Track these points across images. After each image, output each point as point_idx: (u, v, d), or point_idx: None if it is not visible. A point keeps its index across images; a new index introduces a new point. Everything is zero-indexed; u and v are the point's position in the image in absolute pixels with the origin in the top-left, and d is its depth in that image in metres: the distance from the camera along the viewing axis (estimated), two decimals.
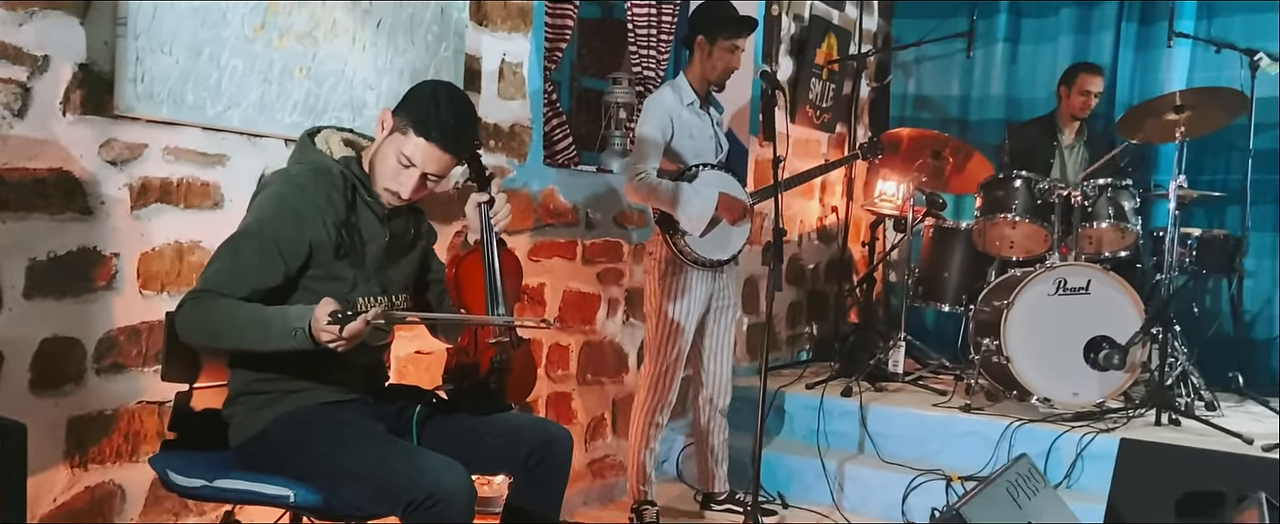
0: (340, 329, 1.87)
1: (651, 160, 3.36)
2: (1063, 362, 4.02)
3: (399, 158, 2.13)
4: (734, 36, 3.44)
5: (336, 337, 1.89)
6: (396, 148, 2.13)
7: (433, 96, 2.15)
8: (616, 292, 3.98)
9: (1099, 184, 4.24)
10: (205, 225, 2.51)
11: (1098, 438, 3.70)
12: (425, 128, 2.11)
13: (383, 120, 2.17)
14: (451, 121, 2.14)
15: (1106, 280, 4.05)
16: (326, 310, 1.88)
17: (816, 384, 4.38)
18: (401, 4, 2.95)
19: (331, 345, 1.91)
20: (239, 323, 1.98)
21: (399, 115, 2.15)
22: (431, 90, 2.17)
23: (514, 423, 2.34)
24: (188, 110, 2.45)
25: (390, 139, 2.14)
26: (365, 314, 1.89)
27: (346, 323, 1.87)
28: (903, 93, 5.80)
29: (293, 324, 1.92)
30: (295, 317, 1.94)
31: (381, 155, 2.16)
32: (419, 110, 2.12)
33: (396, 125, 2.14)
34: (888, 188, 5.11)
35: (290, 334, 1.92)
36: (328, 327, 1.87)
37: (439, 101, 2.14)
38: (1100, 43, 5.25)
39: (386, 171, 2.16)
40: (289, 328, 1.93)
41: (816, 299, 5.43)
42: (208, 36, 2.46)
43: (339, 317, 1.87)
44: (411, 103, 2.15)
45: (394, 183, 2.16)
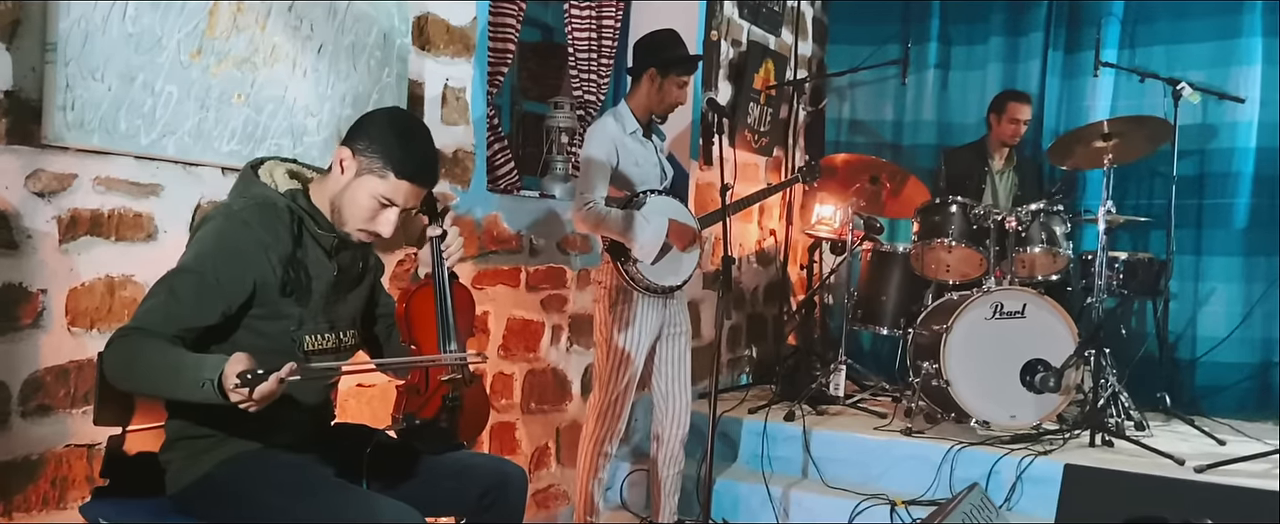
0: (250, 392, 1.73)
1: (599, 189, 3.33)
2: (1000, 384, 4.08)
3: (377, 200, 2.06)
4: (686, 74, 3.45)
5: (247, 398, 1.74)
6: (370, 191, 2.05)
7: (401, 134, 2.07)
8: (560, 318, 3.93)
9: (1032, 209, 4.33)
10: (138, 259, 2.40)
11: (1037, 461, 3.76)
12: (405, 169, 2.05)
13: (343, 161, 2.07)
14: (427, 157, 2.10)
15: (1041, 304, 4.13)
16: (237, 368, 1.73)
17: (759, 409, 4.38)
18: (343, 30, 2.87)
19: (242, 406, 1.76)
20: (154, 368, 1.83)
21: (366, 155, 2.05)
22: (397, 128, 2.08)
23: (466, 462, 2.28)
24: (120, 139, 2.34)
25: (359, 181, 2.06)
26: (278, 373, 1.74)
27: (256, 384, 1.72)
28: (838, 117, 5.88)
29: (203, 375, 1.76)
30: (208, 367, 1.77)
31: (351, 199, 2.07)
32: (392, 150, 2.05)
33: (364, 166, 2.06)
34: (825, 212, 5.16)
35: (198, 385, 1.76)
36: (237, 388, 1.72)
37: (409, 138, 2.08)
38: (1028, 71, 5.38)
39: (359, 214, 2.08)
40: (198, 379, 1.76)
41: (755, 322, 5.44)
42: (142, 62, 2.36)
43: (248, 378, 1.72)
44: (378, 142, 2.05)
45: (372, 224, 2.09)
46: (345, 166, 2.08)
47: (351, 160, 2.08)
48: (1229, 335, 4.93)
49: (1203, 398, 4.90)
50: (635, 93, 3.49)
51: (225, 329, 2.01)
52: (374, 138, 2.06)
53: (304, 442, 2.14)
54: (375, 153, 2.06)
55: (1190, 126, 4.89)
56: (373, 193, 2.06)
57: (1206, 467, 3.62)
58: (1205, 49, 5.02)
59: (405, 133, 2.08)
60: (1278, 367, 4.88)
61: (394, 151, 2.05)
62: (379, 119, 2.11)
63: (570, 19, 4.26)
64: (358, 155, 2.07)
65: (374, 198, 2.06)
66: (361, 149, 2.06)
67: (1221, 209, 5.03)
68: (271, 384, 1.75)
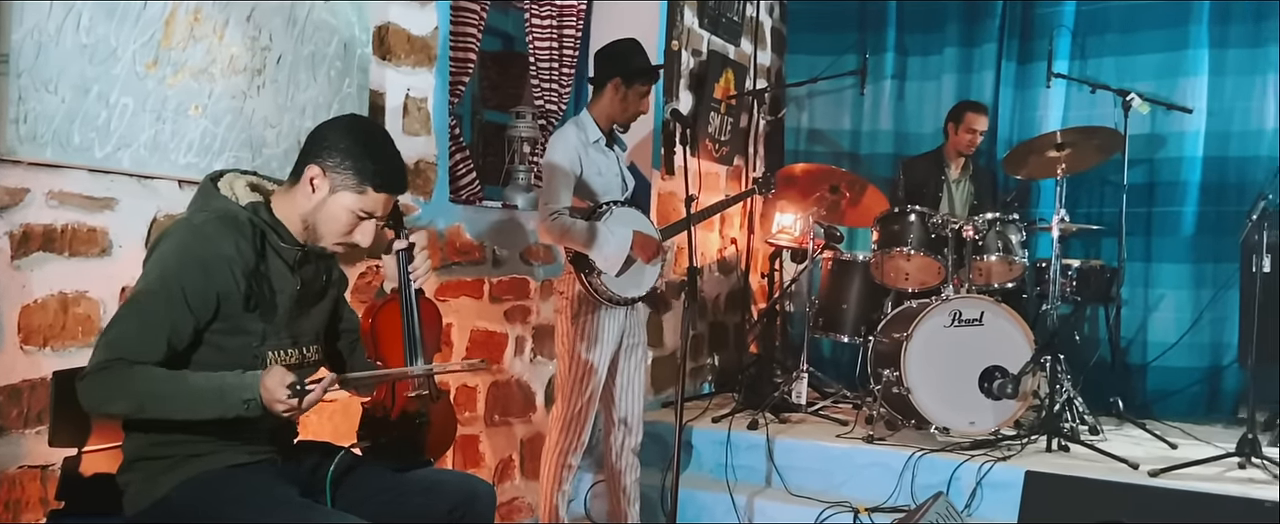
0: (299, 402, 1.82)
1: (564, 199, 3.31)
2: (959, 391, 4.13)
3: (356, 214, 2.06)
4: (649, 83, 3.45)
5: (294, 408, 1.84)
6: (347, 206, 2.05)
7: (369, 145, 2.06)
8: (523, 329, 3.91)
9: (988, 218, 4.39)
10: (92, 274, 2.35)
11: (996, 467, 3.80)
12: (381, 181, 2.05)
13: (314, 180, 2.05)
14: (397, 164, 2.11)
15: (998, 312, 4.19)
16: (284, 382, 1.82)
17: (722, 417, 4.38)
18: (303, 40, 2.83)
19: (286, 414, 1.86)
20: (169, 394, 1.87)
21: (339, 171, 2.04)
22: (363, 139, 2.07)
23: (435, 478, 2.25)
24: (74, 152, 2.29)
25: (335, 197, 2.05)
26: (322, 384, 1.84)
27: (305, 395, 1.83)
28: (797, 126, 5.91)
29: (243, 396, 1.84)
30: (244, 387, 1.85)
31: (328, 216, 2.06)
32: (364, 163, 2.04)
33: (338, 182, 2.04)
34: (786, 220, 5.18)
35: (242, 406, 1.85)
36: (287, 399, 1.82)
37: (379, 148, 2.08)
38: (982, 81, 5.46)
39: (337, 229, 2.08)
40: (239, 400, 1.84)
41: (717, 330, 5.46)
42: (97, 74, 2.31)
43: (299, 389, 1.81)
44: (350, 157, 2.04)
45: (351, 237, 2.10)
46: (317, 185, 2.05)
47: (323, 178, 2.05)
48: (1179, 340, 5.03)
49: (1154, 402, 5.00)
50: (598, 102, 3.48)
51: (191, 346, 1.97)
52: (344, 152, 2.04)
53: (267, 460, 2.10)
54: (348, 168, 2.04)
55: (1140, 136, 4.99)
56: (351, 208, 2.06)
57: (1160, 470, 3.68)
58: (1153, 60, 5.12)
59: (373, 143, 2.08)
60: (1226, 370, 4.99)
61: (367, 165, 2.04)
62: (340, 131, 2.07)
63: (531, 28, 4.24)
64: (330, 172, 2.04)
65: (352, 212, 2.07)
66: (333, 166, 2.04)
67: (1170, 217, 5.13)
68: (318, 393, 1.86)
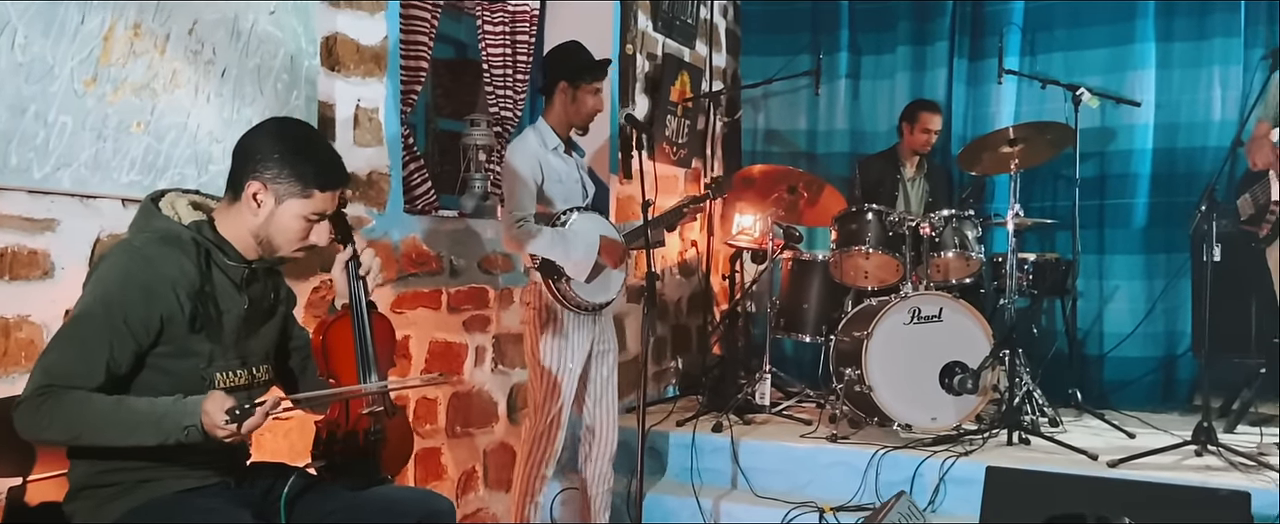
0: (239, 427, 1.77)
1: (527, 207, 3.29)
2: (920, 388, 4.15)
3: (307, 217, 2.05)
4: (596, 80, 3.43)
5: (234, 433, 1.79)
6: (297, 212, 2.03)
7: (301, 149, 2.04)
8: (483, 339, 3.87)
9: (944, 215, 4.42)
10: (34, 297, 2.28)
11: (958, 462, 3.83)
12: (324, 180, 2.05)
13: (257, 196, 2.02)
14: (333, 158, 2.11)
15: (957, 308, 4.22)
16: (223, 407, 1.78)
17: (687, 421, 4.38)
18: (247, 53, 2.78)
19: (227, 440, 1.81)
20: (107, 421, 1.82)
21: (279, 182, 2.02)
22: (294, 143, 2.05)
23: (393, 496, 2.22)
24: (11, 173, 2.23)
25: (283, 208, 2.03)
26: (264, 406, 1.80)
27: (245, 419, 1.78)
28: (753, 127, 5.93)
29: (184, 422, 1.80)
30: (184, 413, 1.80)
31: (279, 227, 2.04)
32: (302, 167, 2.02)
33: (283, 192, 2.02)
34: (746, 222, 5.19)
35: (181, 433, 1.80)
36: (226, 424, 1.77)
37: (311, 148, 2.07)
38: (934, 79, 5.50)
39: (291, 237, 2.07)
40: (179, 426, 1.80)
41: (680, 333, 5.45)
42: (33, 92, 2.25)
43: (237, 413, 1.77)
44: (287, 165, 2.01)
45: (306, 241, 2.08)
46: (261, 200, 2.02)
47: (266, 192, 2.02)
48: (1134, 331, 5.10)
49: (1111, 392, 5.05)
50: (550, 109, 3.46)
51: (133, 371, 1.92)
52: (279, 161, 2.01)
53: (218, 483, 2.06)
54: (288, 177, 2.02)
55: (1090, 130, 5.05)
56: (300, 214, 2.05)
57: (1119, 461, 3.73)
58: (1102, 55, 5.19)
59: (306, 145, 2.07)
60: (1180, 359, 5.06)
61: (306, 168, 2.02)
62: (270, 140, 2.04)
63: (484, 35, 4.21)
64: (271, 185, 2.01)
65: (303, 218, 2.05)
66: (271, 177, 2.01)
67: (1122, 209, 5.20)
68: (259, 417, 1.82)
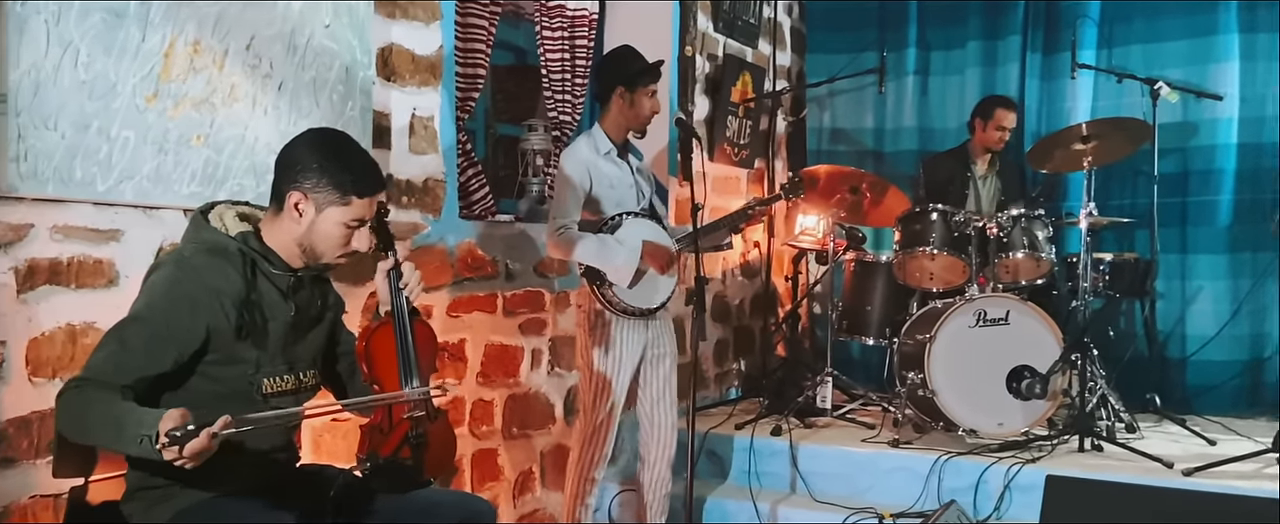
0: (179, 449, 1.69)
1: (572, 214, 3.31)
2: (986, 392, 4.07)
3: (347, 224, 2.10)
4: (652, 82, 3.44)
5: (178, 456, 1.70)
6: (337, 219, 2.09)
7: (336, 156, 2.09)
8: (539, 342, 3.92)
9: (1013, 215, 4.31)
10: (99, 305, 2.39)
11: (1024, 468, 3.73)
12: (361, 187, 2.09)
13: (298, 206, 2.08)
14: (369, 165, 2.15)
15: (1024, 310, 4.12)
16: (167, 426, 1.70)
17: (746, 424, 4.36)
18: (303, 66, 2.86)
19: (176, 463, 1.72)
20: (99, 422, 1.82)
21: (318, 191, 2.07)
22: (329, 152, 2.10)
23: (434, 500, 2.26)
24: (76, 186, 2.33)
25: (323, 216, 2.08)
26: (209, 428, 1.71)
27: (186, 442, 1.69)
28: (818, 126, 5.87)
29: (141, 432, 1.73)
30: (147, 423, 1.74)
31: (322, 235, 2.10)
32: (339, 176, 2.07)
33: (322, 201, 2.08)
34: (808, 222, 5.14)
35: (137, 442, 1.74)
36: (166, 447, 1.69)
37: (347, 156, 2.12)
38: (1007, 74, 5.37)
39: (333, 245, 2.12)
40: (137, 435, 1.74)
41: (742, 335, 5.43)
42: (96, 109, 2.35)
43: (177, 435, 1.68)
44: (324, 174, 2.07)
45: (348, 247, 2.13)
46: (302, 209, 2.08)
47: (307, 201, 2.08)
48: (1218, 333, 4.91)
49: (1194, 397, 4.87)
50: (606, 115, 3.47)
51: (179, 377, 2.00)
52: (317, 171, 2.07)
53: (265, 486, 2.12)
54: (326, 186, 2.07)
55: (1170, 125, 4.87)
56: (341, 221, 2.10)
57: (1195, 469, 3.59)
58: (1181, 47, 5.00)
59: (342, 154, 2.11)
60: (1268, 362, 4.85)
61: (344, 176, 2.07)
62: (307, 150, 2.10)
63: (542, 41, 4.25)
64: (310, 194, 2.07)
65: (344, 225, 2.10)
66: (311, 186, 2.07)
67: (1205, 206, 5.01)
68: (202, 441, 1.71)
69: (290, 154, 2.10)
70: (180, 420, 1.72)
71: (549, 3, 4.23)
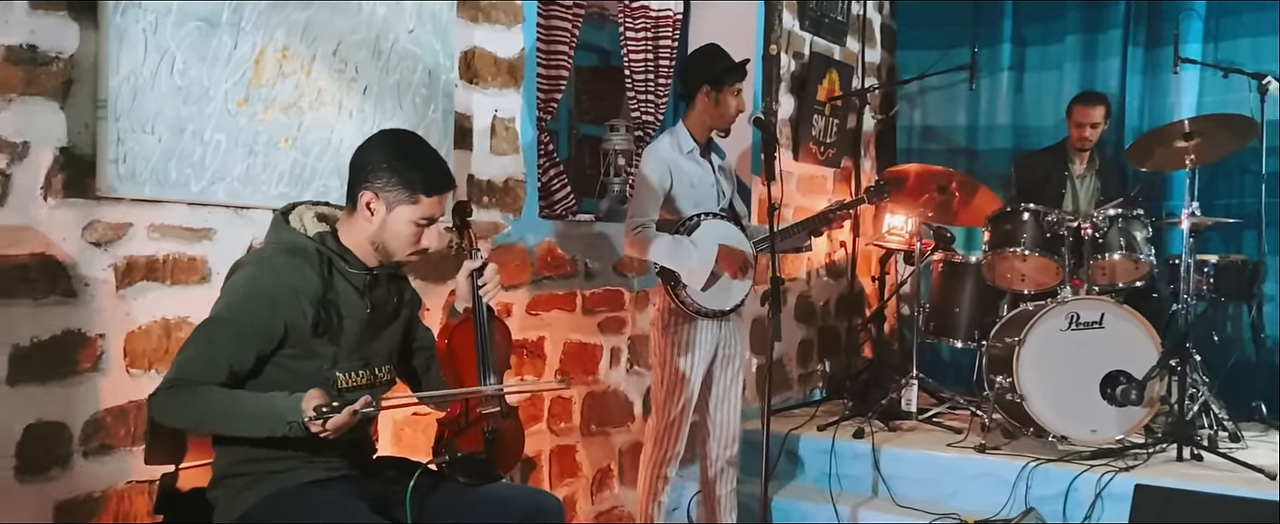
0: (323, 424, 1.91)
1: (650, 212, 3.33)
2: (1079, 398, 3.94)
3: (417, 222, 2.16)
4: (738, 81, 3.44)
5: (322, 429, 1.92)
6: (407, 217, 2.15)
7: (407, 156, 2.16)
8: (619, 341, 3.95)
9: (1110, 215, 4.18)
10: (193, 301, 2.50)
11: (1117, 477, 3.61)
12: (431, 186, 2.15)
13: (370, 204, 2.14)
14: (439, 164, 2.21)
15: (1120, 313, 3.99)
16: (312, 404, 1.91)
17: (827, 426, 4.31)
18: (387, 70, 2.95)
19: (321, 435, 1.94)
20: (224, 413, 2.00)
21: (389, 190, 2.14)
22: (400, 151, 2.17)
23: (504, 494, 2.31)
24: (171, 187, 2.45)
25: (394, 215, 2.15)
26: (352, 406, 1.92)
27: (330, 417, 1.91)
28: (909, 124, 5.76)
29: (287, 418, 1.94)
30: (288, 410, 1.95)
31: (393, 233, 2.16)
32: (410, 175, 2.13)
33: (393, 200, 2.14)
34: (896, 222, 5.06)
35: (285, 427, 1.95)
36: (313, 422, 1.91)
37: (416, 156, 2.18)
38: (1107, 69, 5.19)
39: (404, 242, 2.18)
40: (283, 422, 1.95)
41: (828, 335, 5.37)
42: (190, 114, 2.47)
43: (323, 411, 1.90)
44: (395, 173, 2.13)
45: (418, 245, 2.19)
46: (374, 208, 2.15)
47: (378, 200, 2.14)
48: None
49: None
50: (691, 113, 3.47)
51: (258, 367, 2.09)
52: (388, 170, 2.13)
53: (344, 475, 2.20)
54: (397, 184, 2.13)
55: None
56: (411, 220, 2.16)
57: None
58: None
59: (412, 153, 2.18)
60: None
61: (413, 175, 2.13)
62: (379, 151, 2.17)
63: (626, 41, 4.28)
64: (381, 193, 2.14)
65: (413, 223, 2.16)
66: (382, 185, 2.13)
67: None
68: (344, 416, 1.94)
69: (362, 155, 2.17)
70: (324, 398, 1.95)
71: (633, 3, 4.27)
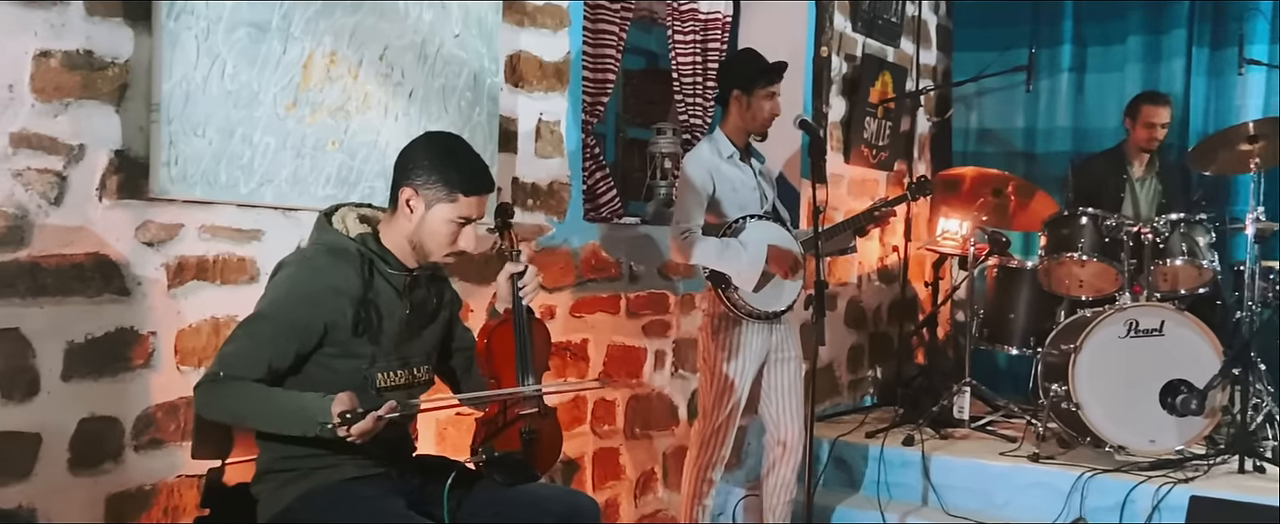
0: (348, 429, 1.91)
1: (695, 217, 3.33)
2: (1137, 407, 3.85)
3: (454, 221, 2.18)
4: (770, 84, 3.41)
5: (348, 433, 1.92)
6: (445, 217, 2.17)
7: (448, 156, 2.19)
8: (663, 344, 3.95)
9: (1171, 220, 4.07)
10: (242, 300, 2.54)
11: (1175, 489, 3.51)
12: (469, 186, 2.17)
13: (410, 202, 2.17)
14: (479, 166, 2.22)
15: (1181, 320, 3.88)
16: (339, 408, 1.92)
17: (877, 433, 4.26)
18: (433, 74, 2.99)
19: (348, 439, 1.94)
20: (260, 409, 2.03)
21: (428, 188, 2.16)
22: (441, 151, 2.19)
23: (539, 494, 2.32)
24: (221, 189, 2.51)
25: (432, 213, 2.17)
26: (376, 412, 1.92)
27: (355, 423, 1.91)
28: (965, 127, 5.68)
29: (317, 419, 1.95)
30: (320, 412, 1.96)
31: (430, 232, 2.18)
32: (449, 174, 2.16)
33: (432, 198, 2.16)
34: (950, 226, 4.99)
35: (316, 428, 1.96)
36: (339, 426, 1.91)
37: (457, 156, 2.20)
38: (1170, 71, 5.06)
39: (442, 241, 2.19)
40: (314, 423, 1.96)
41: (879, 341, 5.31)
42: (240, 117, 2.53)
43: (347, 417, 1.90)
44: (434, 172, 2.16)
45: (456, 246, 2.20)
46: (413, 206, 2.18)
47: (417, 198, 2.17)
48: None
49: None
50: (727, 119, 3.47)
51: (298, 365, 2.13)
52: (428, 169, 2.16)
53: (383, 473, 2.23)
54: (435, 182, 2.16)
55: None
56: (448, 218, 2.18)
57: None
58: None
59: (450, 153, 2.20)
60: None
61: (452, 174, 2.16)
62: (420, 150, 2.20)
63: (674, 45, 4.28)
64: (421, 191, 2.16)
65: (451, 222, 2.18)
66: (421, 184, 2.16)
67: None
68: (367, 423, 1.93)
69: (406, 155, 2.21)
70: (350, 404, 1.94)
71: (681, 6, 4.27)
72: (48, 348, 2.22)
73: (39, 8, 2.16)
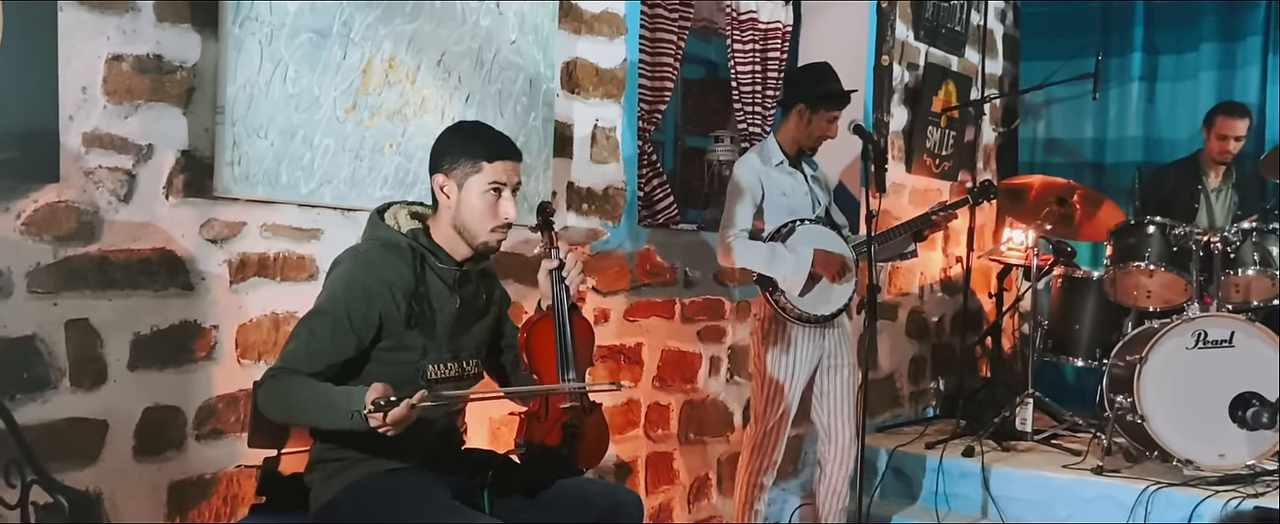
0: (383, 416, 1.92)
1: (741, 222, 3.34)
2: (1205, 420, 3.74)
3: (488, 190, 2.21)
4: (837, 108, 3.41)
5: (382, 423, 1.93)
6: (478, 188, 2.22)
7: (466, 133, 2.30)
8: (718, 349, 3.95)
9: (1243, 229, 3.96)
10: (301, 296, 2.64)
11: (1243, 504, 3.40)
12: (491, 151, 2.23)
13: (443, 187, 2.23)
14: (498, 134, 2.30)
15: (1252, 332, 3.76)
16: (372, 396, 1.93)
17: (937, 444, 4.20)
18: (490, 79, 3.05)
19: (381, 430, 1.95)
20: (307, 403, 2.07)
21: (456, 167, 2.22)
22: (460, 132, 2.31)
23: (583, 489, 2.34)
24: (282, 189, 2.60)
25: (466, 188, 2.22)
26: (409, 399, 1.93)
27: (388, 410, 1.92)
28: (1032, 137, 5.58)
29: (352, 407, 1.97)
30: (355, 400, 1.98)
31: (469, 209, 2.22)
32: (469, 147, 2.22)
33: (460, 175, 2.22)
34: (1014, 236, 4.91)
35: (348, 417, 1.98)
36: (372, 414, 1.92)
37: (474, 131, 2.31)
38: (1246, 79, 4.92)
39: (481, 216, 2.23)
40: (348, 411, 1.98)
41: (942, 352, 5.23)
42: (301, 120, 2.62)
43: (381, 404, 1.92)
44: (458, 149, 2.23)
45: (493, 217, 2.23)
46: (448, 191, 2.24)
47: (448, 180, 2.23)
48: None
49: None
50: (783, 126, 3.48)
51: (359, 363, 2.19)
52: (451, 151, 2.24)
53: (430, 465, 2.27)
54: (461, 159, 2.22)
55: None
56: (481, 188, 2.22)
57: None
58: None
59: (468, 130, 2.32)
60: None
61: (473, 146, 2.23)
62: (441, 140, 2.29)
63: (733, 54, 4.30)
64: (450, 172, 2.23)
65: (485, 193, 2.22)
66: (449, 166, 2.23)
67: None
68: (402, 410, 1.94)
69: (431, 152, 2.29)
70: (383, 392, 1.95)
71: (741, 16, 4.29)
72: (115, 338, 2.32)
73: (112, 14, 2.27)
